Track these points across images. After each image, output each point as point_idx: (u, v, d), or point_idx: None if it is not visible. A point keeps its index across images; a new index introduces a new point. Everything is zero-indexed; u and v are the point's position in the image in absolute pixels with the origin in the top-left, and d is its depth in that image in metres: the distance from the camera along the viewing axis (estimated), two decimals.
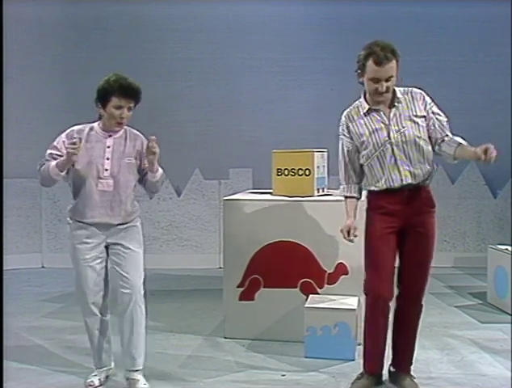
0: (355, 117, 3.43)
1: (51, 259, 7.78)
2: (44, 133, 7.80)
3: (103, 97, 3.37)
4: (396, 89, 3.37)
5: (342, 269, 4.46)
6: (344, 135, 3.48)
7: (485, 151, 3.12)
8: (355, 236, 3.42)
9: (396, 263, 3.49)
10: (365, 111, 3.39)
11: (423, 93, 3.44)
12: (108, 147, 3.43)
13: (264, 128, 7.74)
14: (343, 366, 3.98)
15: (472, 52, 7.83)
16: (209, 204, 7.70)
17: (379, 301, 3.42)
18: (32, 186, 7.76)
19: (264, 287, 4.55)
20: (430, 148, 3.39)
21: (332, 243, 4.39)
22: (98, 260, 3.49)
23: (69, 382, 3.74)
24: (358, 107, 3.45)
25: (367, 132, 3.37)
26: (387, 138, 3.33)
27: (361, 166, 3.49)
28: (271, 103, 7.72)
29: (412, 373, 3.60)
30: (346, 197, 3.55)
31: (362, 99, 3.44)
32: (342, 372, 3.89)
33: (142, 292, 3.48)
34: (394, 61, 3.25)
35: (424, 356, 4.22)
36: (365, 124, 3.39)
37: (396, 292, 3.51)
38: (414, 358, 3.61)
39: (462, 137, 3.43)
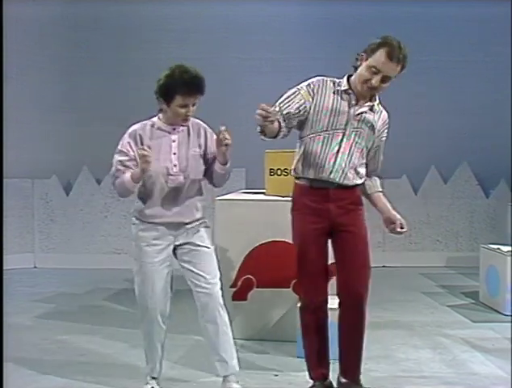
0: (328, 88, 3.18)
1: (43, 259, 7.76)
2: (40, 133, 7.86)
3: (166, 94, 3.12)
4: (377, 101, 3.28)
5: (335, 269, 4.45)
6: (308, 91, 3.15)
7: (399, 225, 3.23)
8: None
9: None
10: (342, 88, 3.16)
11: (388, 120, 3.35)
12: (174, 141, 3.22)
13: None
14: (336, 366, 3.96)
15: (472, 52, 7.85)
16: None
17: (310, 306, 3.27)
18: (24, 186, 7.75)
19: (257, 287, 4.55)
20: (364, 162, 3.31)
21: None
22: (166, 264, 3.26)
23: (62, 382, 3.73)
24: (336, 82, 3.20)
25: (330, 108, 3.13)
26: (343, 126, 3.14)
27: (290, 128, 3.16)
28: (265, 103, 7.72)
29: (361, 382, 3.38)
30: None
31: (344, 79, 3.21)
32: (335, 371, 3.88)
33: (220, 291, 3.26)
34: (400, 66, 3.13)
35: (416, 355, 4.24)
36: (334, 99, 3.15)
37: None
38: (362, 367, 3.39)
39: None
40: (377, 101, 3.27)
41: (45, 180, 7.82)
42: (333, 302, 4.20)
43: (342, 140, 3.15)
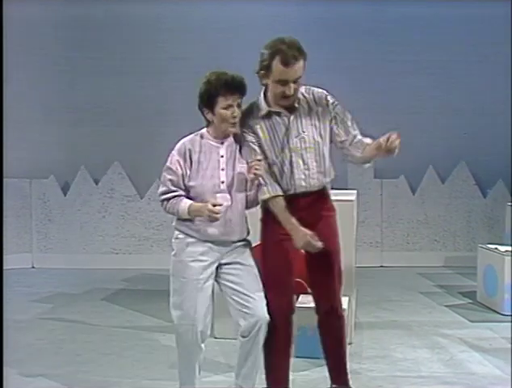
0: (257, 118, 3.09)
1: (41, 259, 7.75)
2: (38, 133, 7.85)
3: (209, 100, 3.03)
4: (299, 93, 3.09)
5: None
6: (251, 135, 3.09)
7: (387, 139, 2.86)
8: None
9: None
10: (263, 113, 3.07)
11: (326, 93, 3.15)
12: (222, 156, 3.08)
13: None
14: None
15: (468, 53, 7.85)
16: None
17: (277, 315, 3.10)
18: (22, 186, 7.74)
19: None
20: (327, 151, 3.14)
21: None
22: (210, 282, 3.10)
23: (60, 383, 3.73)
24: (256, 106, 3.10)
25: (268, 138, 3.07)
26: (286, 144, 3.06)
27: None
28: None
29: (350, 385, 3.33)
30: (275, 197, 3.07)
31: (261, 98, 3.10)
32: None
33: (267, 313, 3.06)
34: (302, 61, 2.97)
35: (414, 355, 4.24)
36: (265, 128, 3.07)
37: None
38: (348, 369, 3.36)
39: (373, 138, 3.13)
40: (299, 93, 3.07)
41: (43, 180, 7.81)
42: (342, 301, 4.23)
43: (291, 156, 3.06)
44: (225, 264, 3.12)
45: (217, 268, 3.12)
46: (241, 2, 7.83)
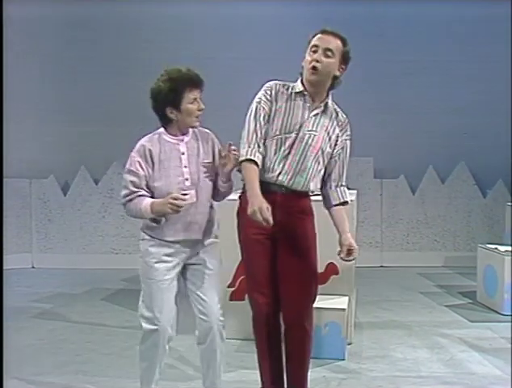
0: (284, 92, 3.09)
1: (41, 259, 7.75)
2: (38, 133, 7.85)
3: (174, 97, 3.00)
4: (330, 100, 3.13)
5: (332, 269, 4.47)
6: (267, 98, 3.07)
7: (348, 251, 3.02)
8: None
9: None
10: (296, 91, 3.07)
11: (349, 122, 3.16)
12: (183, 154, 3.05)
13: None
14: (333, 365, 3.99)
15: (469, 53, 7.85)
16: None
17: (257, 314, 3.10)
18: (22, 186, 7.74)
19: None
20: (323, 168, 3.10)
21: (322, 243, 4.38)
22: (175, 282, 3.07)
23: (60, 383, 3.73)
24: (290, 86, 3.12)
25: (283, 112, 3.04)
26: (296, 128, 3.03)
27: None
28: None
29: None
30: (249, 160, 2.99)
31: (298, 81, 3.12)
32: (332, 371, 3.90)
33: (221, 317, 3.10)
34: (339, 42, 3.05)
35: (414, 355, 4.24)
36: (287, 102, 3.06)
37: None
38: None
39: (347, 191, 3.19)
40: (330, 100, 3.13)
41: (43, 180, 7.82)
42: (342, 301, 4.24)
43: (293, 142, 3.02)
44: (190, 265, 3.10)
45: (183, 268, 3.11)
46: (241, 2, 7.84)
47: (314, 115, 3.06)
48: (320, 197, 3.27)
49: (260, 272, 3.06)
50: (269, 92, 3.10)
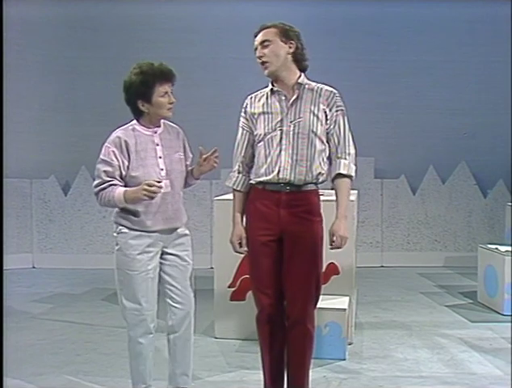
0: (258, 100, 3.15)
1: (41, 259, 7.76)
2: (39, 133, 7.85)
3: (145, 91, 3.07)
4: (305, 78, 3.12)
5: (333, 269, 4.47)
6: (245, 118, 3.17)
7: (331, 240, 3.02)
8: (246, 249, 3.11)
9: None
10: (268, 91, 3.12)
11: (336, 93, 3.11)
12: (157, 145, 3.15)
13: None
14: (334, 366, 3.99)
15: (469, 53, 7.86)
16: (200, 204, 7.68)
17: (260, 314, 3.12)
18: (22, 186, 7.74)
19: None
20: (323, 148, 3.07)
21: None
22: (157, 270, 3.16)
23: (60, 383, 3.73)
24: (264, 91, 3.17)
25: (262, 113, 3.09)
26: (279, 125, 3.05)
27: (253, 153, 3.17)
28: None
29: None
30: (234, 190, 3.18)
31: (269, 83, 3.16)
32: (333, 371, 3.90)
33: (193, 307, 3.26)
34: (271, 28, 3.08)
35: (414, 355, 4.24)
36: (264, 103, 3.10)
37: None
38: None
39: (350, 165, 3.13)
40: (304, 80, 3.11)
41: (43, 180, 7.82)
42: (343, 301, 4.24)
43: (281, 138, 3.04)
44: (167, 254, 3.19)
45: (160, 257, 3.19)
46: (241, 2, 7.84)
47: (292, 104, 3.07)
48: (326, 197, 3.28)
49: (264, 273, 3.07)
50: (243, 111, 3.21)
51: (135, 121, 3.19)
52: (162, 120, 3.21)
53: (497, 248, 5.54)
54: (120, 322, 5.04)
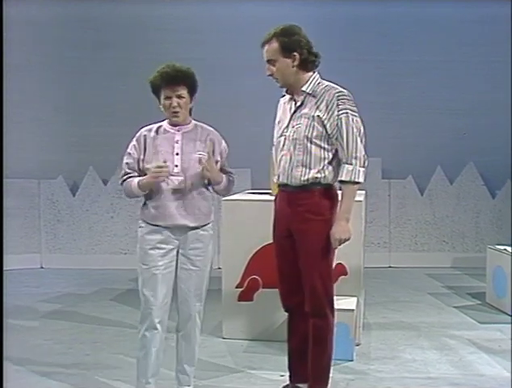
0: (281, 106, 3.35)
1: (50, 259, 7.78)
2: (47, 134, 7.88)
3: (154, 92, 3.24)
4: (314, 80, 3.16)
5: (340, 270, 4.46)
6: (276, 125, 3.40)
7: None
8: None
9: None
10: (286, 99, 3.29)
11: (342, 94, 3.09)
12: (177, 142, 3.22)
13: (262, 129, 7.71)
14: (342, 367, 3.99)
15: (477, 52, 7.82)
16: None
17: (282, 305, 3.40)
18: (30, 186, 7.76)
19: (263, 287, 4.55)
20: (322, 154, 3.10)
21: None
22: (170, 268, 3.23)
23: (68, 383, 3.74)
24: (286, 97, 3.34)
25: (278, 120, 3.31)
26: (284, 131, 3.20)
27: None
28: (270, 103, 7.73)
29: None
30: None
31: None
32: (341, 372, 3.90)
33: (201, 312, 3.34)
34: (273, 43, 3.13)
35: (422, 356, 4.23)
36: (281, 110, 3.32)
37: None
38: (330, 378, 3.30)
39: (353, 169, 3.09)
40: (312, 84, 3.15)
41: (51, 181, 7.84)
42: (351, 302, 4.24)
43: (284, 143, 3.20)
44: (181, 255, 3.24)
45: (177, 255, 3.25)
46: (241, 3, 7.85)
47: (295, 111, 3.18)
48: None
49: (278, 269, 3.32)
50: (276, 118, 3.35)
51: (166, 120, 3.32)
52: (194, 122, 3.32)
53: (505, 249, 5.52)
54: (128, 322, 5.08)
